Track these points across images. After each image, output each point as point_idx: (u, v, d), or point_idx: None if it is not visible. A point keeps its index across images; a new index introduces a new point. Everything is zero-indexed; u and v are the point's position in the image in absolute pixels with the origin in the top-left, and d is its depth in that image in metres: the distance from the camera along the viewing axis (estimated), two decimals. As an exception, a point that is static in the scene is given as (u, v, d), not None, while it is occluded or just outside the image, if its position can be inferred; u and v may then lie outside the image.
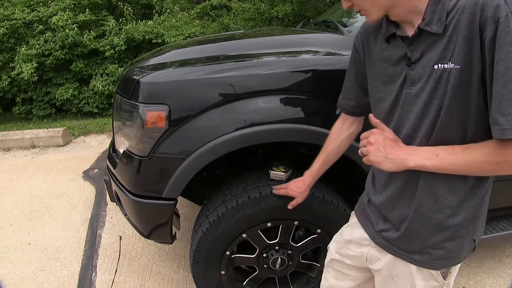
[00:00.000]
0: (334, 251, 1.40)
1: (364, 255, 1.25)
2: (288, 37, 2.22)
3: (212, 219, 1.74)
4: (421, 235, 1.06)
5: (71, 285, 2.48)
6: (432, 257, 1.06)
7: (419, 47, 0.94)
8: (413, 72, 0.96)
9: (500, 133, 0.82)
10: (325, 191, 1.81)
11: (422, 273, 1.09)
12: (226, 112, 1.63)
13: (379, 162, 1.02)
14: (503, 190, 2.06)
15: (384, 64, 1.06)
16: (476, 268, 2.51)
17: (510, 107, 0.79)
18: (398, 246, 1.12)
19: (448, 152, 0.93)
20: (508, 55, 0.78)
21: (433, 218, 1.03)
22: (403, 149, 1.00)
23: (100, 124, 5.84)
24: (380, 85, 1.09)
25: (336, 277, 1.42)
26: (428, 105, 0.94)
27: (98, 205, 3.48)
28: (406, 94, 0.99)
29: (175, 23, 7.60)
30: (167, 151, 1.64)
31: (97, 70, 6.94)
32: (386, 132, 1.03)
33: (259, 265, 1.95)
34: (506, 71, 0.79)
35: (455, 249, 1.05)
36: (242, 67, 1.69)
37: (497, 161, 0.86)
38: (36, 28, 6.69)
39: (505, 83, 0.79)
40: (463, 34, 0.84)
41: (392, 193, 1.11)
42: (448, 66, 0.88)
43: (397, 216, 1.11)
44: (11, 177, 4.22)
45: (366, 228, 1.24)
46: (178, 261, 2.65)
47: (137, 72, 1.78)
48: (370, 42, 1.12)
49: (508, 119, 0.80)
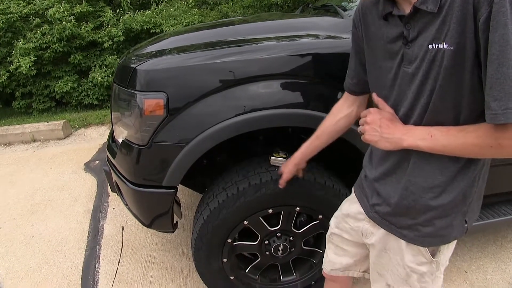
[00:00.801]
0: (334, 226, 1.45)
1: (360, 229, 1.29)
2: (288, 21, 2.19)
3: (213, 207, 1.73)
4: (410, 212, 1.07)
5: (75, 276, 2.49)
6: (420, 233, 1.08)
7: (415, 26, 0.93)
8: (410, 51, 0.95)
9: (491, 118, 0.80)
10: (327, 177, 1.79)
11: (411, 248, 1.12)
12: (225, 98, 1.61)
13: (375, 141, 1.05)
14: (506, 174, 2.05)
15: (381, 41, 1.06)
16: (478, 253, 2.51)
17: (502, 92, 0.77)
18: (389, 220, 1.14)
19: (443, 133, 0.93)
20: (502, 37, 0.76)
21: (422, 197, 1.04)
22: (399, 129, 1.00)
23: (100, 116, 5.83)
24: (378, 62, 1.09)
25: (335, 253, 1.47)
26: (423, 85, 0.94)
27: (100, 196, 3.49)
28: (403, 73, 0.99)
29: (173, 12, 7.53)
30: (166, 139, 1.63)
31: (96, 61, 6.89)
32: (384, 112, 1.04)
33: (261, 252, 1.94)
34: (500, 54, 0.76)
35: (444, 227, 1.06)
36: (241, 52, 1.66)
37: (490, 144, 0.85)
38: (33, 21, 6.63)
39: (498, 66, 0.77)
40: (457, 14, 0.82)
41: (386, 169, 1.13)
42: (442, 47, 0.86)
43: (389, 191, 1.12)
44: (13, 171, 4.22)
45: (362, 202, 1.28)
46: (180, 250, 2.65)
47: (135, 60, 1.76)
48: (368, 19, 1.11)
49: (500, 104, 0.78)
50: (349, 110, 1.36)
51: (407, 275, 1.15)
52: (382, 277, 1.24)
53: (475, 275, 2.32)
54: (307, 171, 1.75)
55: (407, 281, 1.16)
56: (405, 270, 1.14)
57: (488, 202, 2.20)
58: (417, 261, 1.12)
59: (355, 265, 1.45)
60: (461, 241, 2.62)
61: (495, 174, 2.02)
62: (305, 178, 1.72)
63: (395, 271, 1.17)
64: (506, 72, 0.76)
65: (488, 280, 2.27)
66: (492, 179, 2.01)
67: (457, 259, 2.45)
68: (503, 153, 0.85)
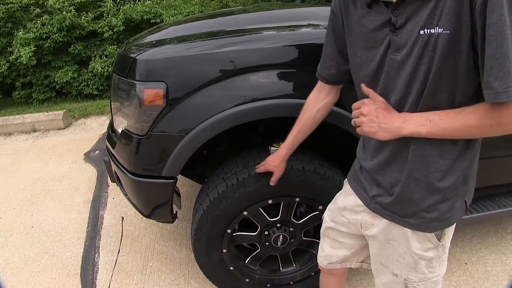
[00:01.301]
0: (329, 219, 1.43)
1: (359, 222, 1.28)
2: (288, 11, 2.17)
3: (212, 197, 1.73)
4: (414, 199, 1.07)
5: (74, 266, 2.49)
6: (425, 220, 1.08)
7: (404, 12, 0.92)
8: (398, 38, 0.94)
9: (494, 96, 0.81)
10: (326, 167, 1.79)
11: (417, 235, 1.12)
12: (225, 88, 1.60)
13: (373, 133, 1.04)
14: (506, 165, 2.05)
15: (364, 29, 1.04)
16: (478, 244, 2.51)
17: (503, 71, 0.78)
18: (392, 210, 1.14)
19: (441, 117, 0.93)
20: (500, 18, 0.77)
21: (424, 182, 1.04)
22: (396, 117, 1.00)
23: (100, 106, 5.82)
24: (361, 51, 1.08)
25: (331, 246, 1.46)
26: (415, 71, 0.93)
27: (100, 186, 3.49)
28: (391, 60, 0.98)
29: (173, 2, 7.49)
30: (166, 129, 1.62)
31: (96, 52, 6.86)
32: (378, 102, 1.03)
33: (260, 243, 1.94)
34: (498, 35, 0.77)
35: (447, 210, 1.07)
36: (241, 42, 1.64)
37: (490, 123, 0.86)
38: (33, 11, 6.58)
39: (497, 47, 0.78)
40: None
41: (384, 159, 1.11)
42: (435, 31, 0.86)
43: (390, 181, 1.11)
44: (13, 161, 4.22)
45: (359, 194, 1.26)
46: (180, 241, 2.66)
47: (134, 50, 1.74)
48: (349, 7, 1.10)
49: (502, 83, 0.79)
50: (326, 100, 1.36)
51: (415, 262, 1.14)
52: (387, 267, 1.23)
53: (475, 266, 2.32)
54: (307, 162, 1.74)
55: (415, 269, 1.15)
56: (413, 258, 1.14)
57: (488, 194, 2.19)
58: (424, 248, 1.12)
59: (352, 256, 1.45)
60: (462, 232, 2.62)
61: (496, 165, 2.02)
62: (305, 168, 1.72)
63: (402, 260, 1.17)
64: (505, 52, 0.77)
65: (489, 271, 2.27)
66: (492, 170, 2.02)
67: (457, 251, 2.45)
68: (502, 131, 0.86)
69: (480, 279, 2.22)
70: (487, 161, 1.94)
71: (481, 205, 2.11)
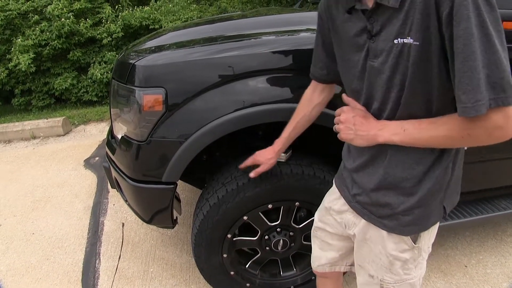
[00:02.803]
0: (318, 219, 1.45)
1: (344, 221, 1.29)
2: (287, 15, 2.19)
3: (212, 202, 1.73)
4: (389, 202, 1.08)
5: (75, 272, 2.49)
6: (400, 222, 1.09)
7: (378, 20, 0.94)
8: (374, 45, 0.96)
9: (463, 111, 0.82)
10: (326, 171, 1.79)
11: (393, 237, 1.13)
12: (224, 93, 1.60)
13: (351, 139, 1.09)
14: (505, 168, 2.06)
15: (347, 34, 1.06)
16: (478, 247, 2.51)
17: (470, 85, 0.78)
18: (369, 210, 1.15)
19: (415, 127, 0.95)
20: (466, 30, 0.77)
21: (399, 187, 1.05)
22: (373, 125, 1.03)
23: (99, 112, 5.83)
24: (346, 55, 1.10)
25: (320, 248, 1.47)
26: (391, 79, 0.95)
27: (100, 192, 3.49)
28: (370, 67, 1.00)
29: (172, 8, 7.53)
30: (165, 135, 1.63)
31: (95, 58, 6.89)
32: (357, 110, 1.07)
33: (261, 248, 1.94)
34: (465, 48, 0.78)
35: (423, 216, 1.07)
36: (240, 47, 1.66)
37: (461, 135, 0.87)
38: (32, 18, 6.62)
39: (464, 60, 0.78)
40: (419, 9, 0.84)
41: (364, 161, 1.14)
42: (407, 41, 0.88)
43: (366, 182, 1.13)
44: (13, 168, 4.22)
45: (342, 192, 1.28)
46: (181, 246, 2.66)
47: (133, 56, 1.75)
48: (333, 11, 1.12)
49: (469, 97, 0.79)
50: (320, 98, 1.39)
51: (390, 263, 1.15)
52: (363, 268, 1.25)
53: (475, 269, 2.32)
54: (307, 166, 1.75)
55: (390, 270, 1.16)
56: (388, 259, 1.15)
57: (487, 196, 2.20)
58: (400, 249, 1.13)
59: (341, 259, 1.44)
60: (461, 235, 2.62)
61: (494, 168, 2.03)
62: (305, 172, 1.72)
63: (378, 260, 1.18)
64: (472, 65, 0.77)
65: (488, 274, 2.27)
66: (491, 173, 2.03)
67: (457, 253, 2.45)
68: (473, 142, 0.88)
69: (480, 281, 2.22)
70: (486, 164, 1.96)
71: (480, 208, 2.12)
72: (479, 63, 0.77)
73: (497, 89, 0.77)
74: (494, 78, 0.77)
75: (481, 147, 1.05)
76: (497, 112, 0.79)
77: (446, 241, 2.56)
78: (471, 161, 1.36)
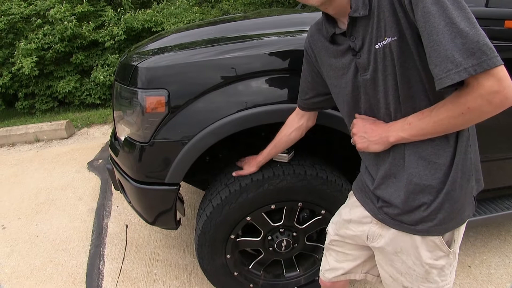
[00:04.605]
0: (333, 233, 1.42)
1: (365, 233, 1.26)
2: (289, 17, 2.19)
3: (215, 203, 1.74)
4: (421, 204, 1.06)
5: (79, 274, 2.50)
6: (435, 223, 1.06)
7: (358, 35, 1.00)
8: (361, 60, 1.02)
9: (438, 83, 0.84)
10: (329, 172, 1.79)
11: (427, 244, 1.10)
12: (227, 94, 1.61)
13: (366, 147, 1.12)
14: (507, 168, 2.05)
15: (332, 60, 1.14)
16: (482, 247, 2.51)
17: (440, 57, 0.82)
18: (400, 220, 1.12)
19: (418, 118, 0.97)
20: (423, 10, 0.83)
21: (427, 185, 1.04)
22: (382, 128, 1.06)
23: (102, 115, 5.85)
24: (335, 81, 1.17)
25: (336, 259, 1.44)
26: (386, 82, 0.99)
27: (104, 195, 3.50)
28: (363, 81, 1.05)
29: (174, 11, 7.55)
30: (168, 136, 1.63)
31: (98, 61, 6.92)
32: (366, 119, 1.11)
33: (264, 248, 1.95)
34: (426, 25, 0.83)
35: (455, 209, 1.05)
36: (243, 48, 1.66)
37: (461, 111, 0.88)
38: (34, 22, 6.65)
39: (429, 36, 0.83)
40: (387, 8, 0.91)
41: (384, 172, 1.13)
42: (387, 41, 0.93)
43: (392, 193, 1.11)
44: (17, 171, 4.24)
45: (366, 205, 1.25)
46: (184, 247, 2.66)
47: (136, 58, 1.76)
48: (318, 44, 1.21)
49: (441, 68, 0.82)
50: (299, 123, 1.49)
51: (426, 272, 1.13)
52: (396, 281, 1.22)
53: (479, 269, 2.31)
54: (309, 166, 1.75)
55: (427, 279, 1.14)
56: (424, 268, 1.12)
57: (491, 196, 2.20)
58: (435, 256, 1.11)
59: (357, 267, 1.42)
60: (465, 235, 2.61)
61: (498, 168, 2.03)
62: (308, 173, 1.73)
63: (412, 272, 1.15)
64: (436, 39, 0.82)
65: (492, 274, 2.27)
66: (495, 173, 2.02)
67: (460, 254, 2.44)
68: (478, 116, 0.87)
69: (483, 281, 2.21)
70: (490, 163, 1.95)
71: (484, 208, 2.11)
72: (443, 36, 0.81)
73: (477, 54, 0.78)
74: (470, 44, 0.79)
75: (485, 145, 1.05)
76: (487, 77, 0.80)
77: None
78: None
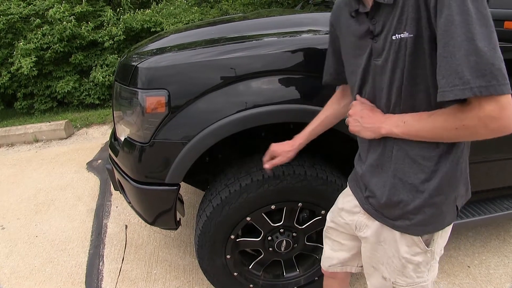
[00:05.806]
0: (330, 220, 1.46)
1: (354, 223, 1.30)
2: (288, 17, 2.19)
3: (215, 203, 1.74)
4: (400, 200, 1.08)
5: (79, 275, 2.50)
6: (412, 222, 1.08)
7: (379, 20, 0.98)
8: (377, 44, 1.01)
9: (440, 95, 0.84)
10: (329, 172, 1.80)
11: (406, 239, 1.13)
12: (226, 94, 1.61)
13: (358, 131, 1.13)
14: (506, 169, 2.05)
15: (352, 38, 1.12)
16: (481, 247, 2.51)
17: (449, 69, 0.80)
18: (382, 212, 1.15)
19: (415, 119, 0.97)
20: (447, 17, 0.80)
21: (409, 183, 1.06)
22: (378, 118, 1.06)
23: (102, 115, 5.85)
24: (351, 59, 1.16)
25: (332, 248, 1.48)
26: (393, 74, 0.98)
27: (103, 195, 3.50)
28: (374, 66, 1.04)
29: (173, 11, 7.53)
30: (168, 136, 1.63)
31: (97, 61, 6.90)
32: (365, 104, 1.11)
33: (264, 248, 1.95)
34: (445, 33, 0.81)
35: (435, 214, 1.07)
36: (242, 49, 1.66)
37: (455, 126, 0.87)
38: (33, 22, 6.63)
39: (445, 45, 0.81)
40: (411, 3, 0.88)
41: (373, 160, 1.15)
42: (404, 36, 0.92)
43: (377, 183, 1.14)
44: (16, 172, 4.24)
45: (356, 194, 1.29)
46: (184, 247, 2.66)
47: (135, 58, 1.76)
48: (341, 18, 1.18)
49: (448, 81, 0.81)
50: (349, 99, 1.36)
51: (402, 266, 1.15)
52: (378, 270, 1.25)
53: (478, 269, 2.32)
54: (309, 167, 1.75)
55: (403, 272, 1.17)
56: (401, 261, 1.15)
57: (490, 197, 2.20)
58: (412, 252, 1.13)
59: (352, 259, 1.45)
60: (464, 235, 2.62)
61: (497, 168, 2.03)
62: (308, 173, 1.73)
63: (391, 263, 1.18)
64: (451, 51, 0.80)
65: (491, 274, 2.27)
66: (494, 173, 2.03)
67: (460, 254, 2.45)
68: (472, 135, 0.87)
69: (483, 282, 2.22)
70: (489, 164, 1.96)
71: (483, 208, 2.12)
72: (459, 50, 0.78)
73: (488, 77, 0.77)
74: (483, 65, 0.77)
75: (484, 146, 1.06)
76: (489, 101, 0.79)
77: (448, 242, 2.54)
78: (474, 161, 1.35)
